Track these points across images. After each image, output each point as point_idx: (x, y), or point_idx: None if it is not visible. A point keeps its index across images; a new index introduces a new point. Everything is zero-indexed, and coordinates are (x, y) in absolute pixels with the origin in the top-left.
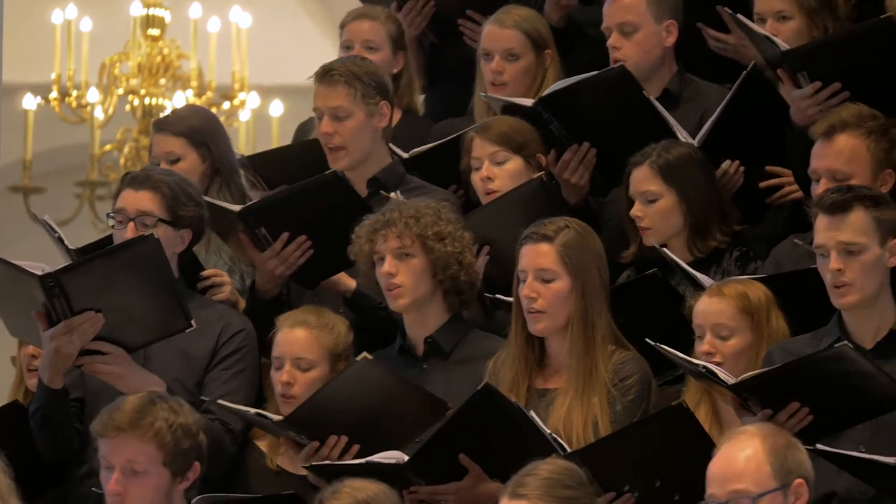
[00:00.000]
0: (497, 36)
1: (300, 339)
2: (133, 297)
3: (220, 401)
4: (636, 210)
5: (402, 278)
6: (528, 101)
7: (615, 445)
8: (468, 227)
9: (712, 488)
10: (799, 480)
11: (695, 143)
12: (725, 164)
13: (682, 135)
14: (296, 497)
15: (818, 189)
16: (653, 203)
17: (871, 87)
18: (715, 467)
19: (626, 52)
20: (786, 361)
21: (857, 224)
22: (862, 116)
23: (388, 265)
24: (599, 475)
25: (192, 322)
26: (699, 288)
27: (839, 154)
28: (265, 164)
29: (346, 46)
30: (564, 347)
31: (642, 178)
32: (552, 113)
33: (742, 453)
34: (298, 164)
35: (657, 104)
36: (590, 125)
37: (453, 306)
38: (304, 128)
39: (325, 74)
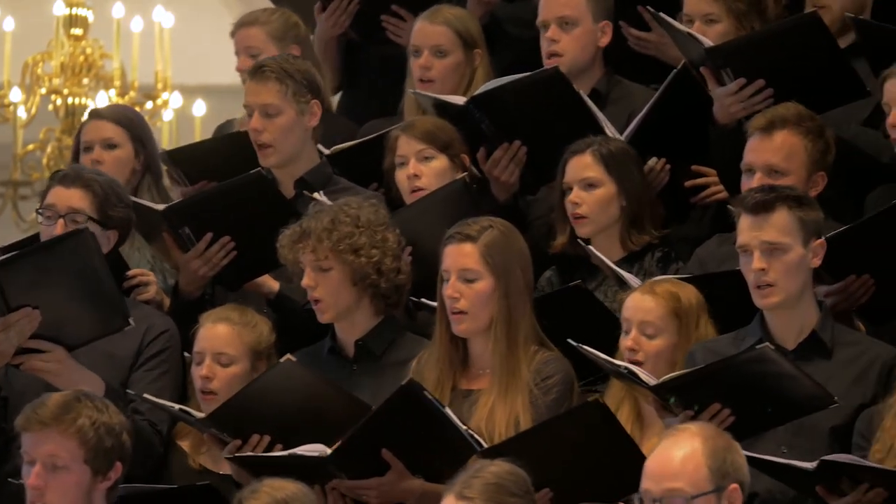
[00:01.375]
0: (427, 32)
1: (222, 334)
2: (70, 294)
3: (145, 394)
4: (574, 196)
5: (321, 292)
6: (459, 100)
7: (532, 441)
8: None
9: (647, 483)
10: (734, 485)
11: (622, 139)
12: (652, 161)
13: (614, 135)
14: (210, 488)
15: (752, 183)
16: (593, 190)
17: (795, 83)
18: (652, 463)
19: (563, 45)
20: (708, 360)
21: (780, 224)
22: (801, 116)
23: (307, 278)
24: None
25: (131, 321)
26: (624, 286)
27: (778, 150)
28: (186, 159)
29: (235, 55)
30: (488, 348)
31: (584, 165)
32: (483, 112)
33: (681, 452)
34: (220, 159)
35: (590, 103)
36: (521, 124)
37: (381, 310)
38: (222, 129)
39: (257, 71)
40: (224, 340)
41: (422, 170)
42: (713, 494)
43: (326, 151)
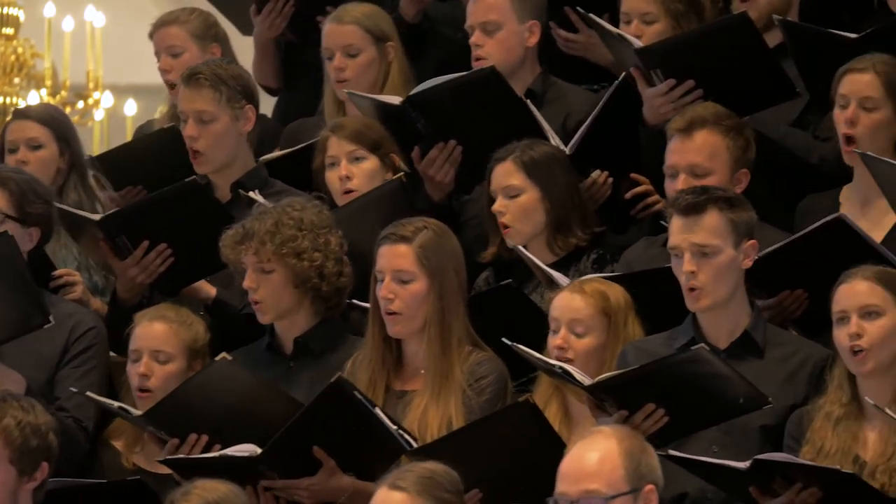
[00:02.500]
0: (335, 33)
1: (158, 332)
2: None
3: (88, 393)
4: (498, 205)
5: (262, 294)
6: (395, 100)
7: (462, 441)
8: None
9: (563, 486)
10: (650, 486)
11: (567, 150)
12: (595, 173)
13: (551, 134)
14: (140, 483)
15: (677, 185)
16: (515, 198)
17: (724, 84)
18: (567, 465)
19: (487, 50)
20: (640, 360)
21: (711, 226)
22: (719, 114)
23: (248, 280)
24: None
25: (51, 318)
26: (554, 287)
27: (700, 150)
28: (114, 163)
29: (156, 55)
30: (421, 349)
31: (505, 173)
32: (419, 111)
33: (596, 453)
34: (147, 161)
35: (529, 104)
36: (457, 123)
37: (321, 311)
38: (143, 130)
39: (191, 77)
40: (161, 338)
41: (353, 171)
42: (630, 495)
43: (261, 162)
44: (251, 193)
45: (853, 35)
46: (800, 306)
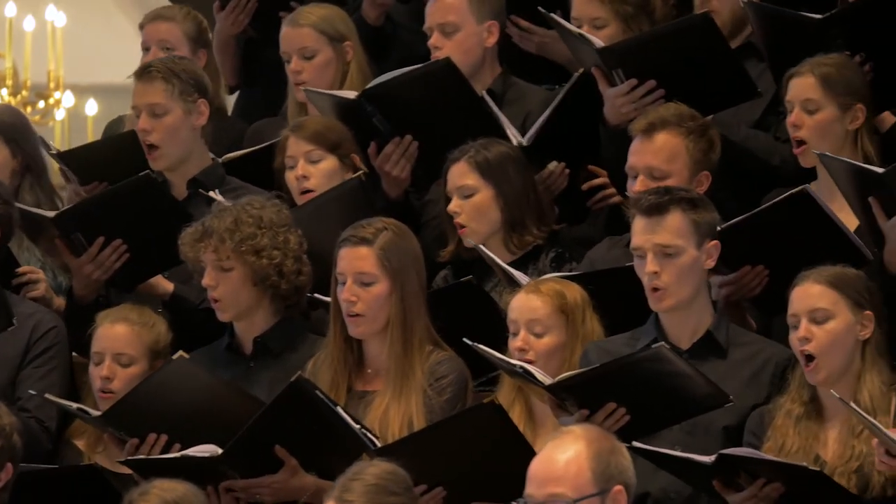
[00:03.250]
0: (291, 37)
1: (121, 334)
2: None
3: (46, 395)
4: (453, 205)
5: (221, 292)
6: (351, 94)
7: (427, 440)
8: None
9: (530, 488)
10: (618, 487)
11: (524, 142)
12: (552, 165)
13: (511, 131)
14: (93, 468)
15: (635, 186)
16: (469, 198)
17: (686, 84)
18: (535, 467)
19: (446, 51)
20: (602, 360)
21: (674, 226)
22: (682, 116)
23: (207, 277)
24: (411, 469)
25: (14, 321)
26: (516, 286)
27: (658, 152)
28: (78, 160)
29: (144, 48)
30: (383, 349)
31: (459, 173)
32: (375, 106)
33: (564, 455)
34: (112, 159)
35: (486, 97)
36: (413, 118)
37: (281, 310)
38: (112, 127)
39: (144, 72)
40: (123, 340)
41: (311, 171)
42: (597, 497)
43: (218, 160)
44: (210, 193)
45: (818, 16)
46: (760, 283)
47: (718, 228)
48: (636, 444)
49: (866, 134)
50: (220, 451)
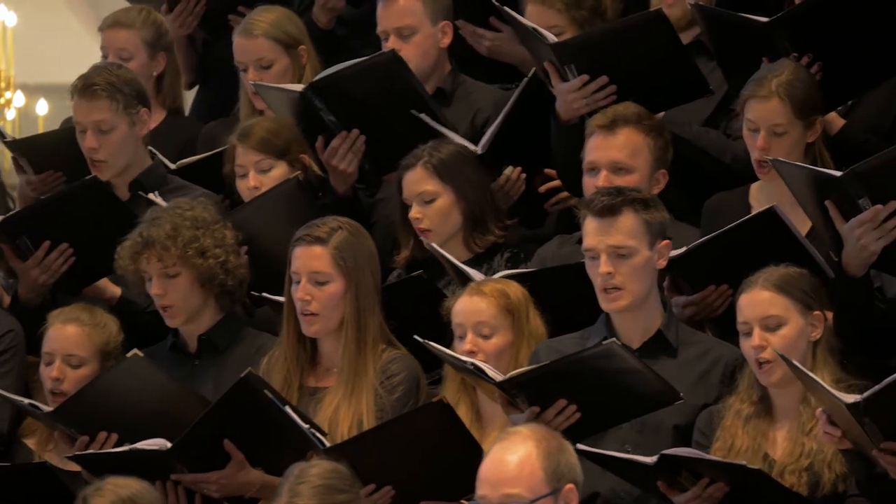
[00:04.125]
0: (246, 48)
1: (72, 335)
2: None
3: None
4: (415, 212)
5: (171, 298)
6: (297, 87)
7: (375, 440)
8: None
9: (484, 490)
10: (569, 485)
11: (478, 150)
12: (508, 170)
13: (457, 139)
14: (44, 466)
15: (598, 181)
16: (431, 203)
17: (638, 81)
18: (487, 469)
19: (404, 55)
20: (553, 359)
21: (626, 227)
22: (640, 115)
23: (155, 287)
24: (360, 469)
25: None
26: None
27: (622, 147)
28: (31, 150)
29: (103, 55)
30: (337, 348)
31: (417, 180)
32: (322, 99)
33: (515, 456)
34: (65, 150)
35: (426, 95)
36: (360, 112)
37: (225, 306)
38: (70, 123)
39: (86, 89)
40: (74, 341)
41: (262, 181)
42: (550, 497)
43: (172, 165)
44: (150, 195)
45: (764, 19)
46: (724, 302)
47: (682, 250)
48: (580, 446)
49: (823, 144)
50: (168, 444)
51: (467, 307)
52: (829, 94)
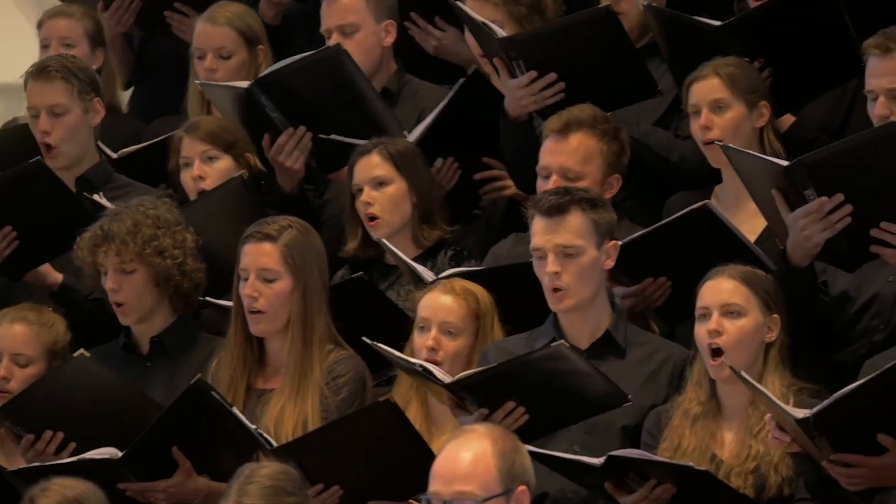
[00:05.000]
0: (209, 34)
1: (19, 334)
2: None
3: None
4: (366, 196)
5: (125, 295)
6: (244, 84)
7: (322, 439)
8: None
9: (436, 486)
10: (522, 487)
11: (411, 141)
12: (438, 162)
13: (394, 127)
14: None
15: (549, 186)
16: (383, 188)
17: (587, 79)
18: (440, 465)
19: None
20: (501, 360)
21: (574, 227)
22: (596, 118)
23: (110, 281)
24: (307, 468)
25: None
26: (420, 282)
27: (574, 153)
28: None
29: (43, 45)
30: (284, 347)
31: (372, 164)
32: (268, 96)
33: (470, 454)
34: (7, 150)
35: (369, 91)
36: (306, 109)
37: (179, 309)
38: (13, 123)
39: (41, 71)
40: (22, 340)
41: (206, 171)
42: (503, 497)
43: (114, 154)
44: (95, 196)
45: (716, 23)
46: (662, 294)
47: (621, 242)
48: (529, 447)
49: (772, 132)
50: (118, 453)
51: (437, 303)
52: (780, 99)
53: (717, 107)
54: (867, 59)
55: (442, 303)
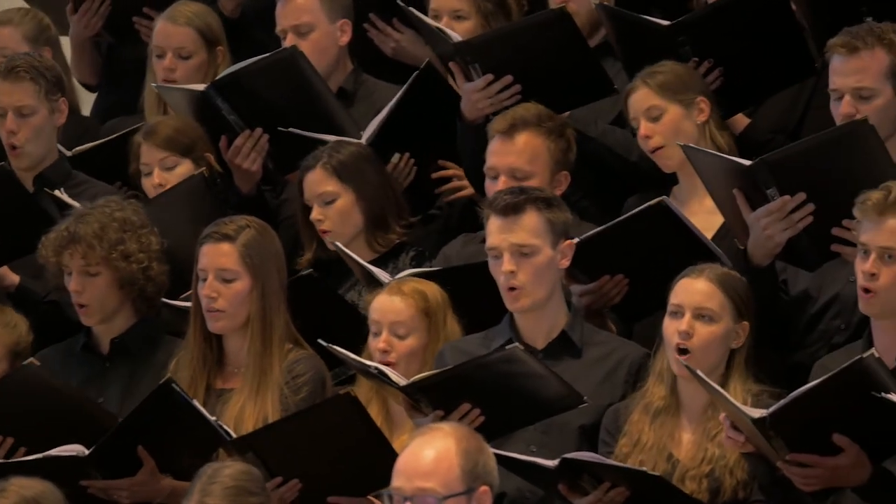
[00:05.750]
0: (170, 33)
1: None
2: None
3: None
4: (316, 214)
5: (88, 297)
6: (200, 87)
7: (282, 432)
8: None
9: (398, 481)
10: (484, 488)
11: (363, 140)
12: (395, 158)
13: (350, 127)
14: None
15: (497, 186)
16: (331, 204)
17: (543, 81)
18: (404, 461)
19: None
20: (457, 360)
21: (529, 226)
22: (541, 116)
23: (74, 283)
24: (267, 461)
25: None
26: (378, 285)
27: (521, 152)
28: None
29: None
30: (243, 346)
31: (317, 181)
32: (224, 98)
33: (433, 451)
34: None
35: (325, 92)
36: (262, 110)
37: (141, 310)
38: None
39: (10, 71)
40: None
41: (167, 178)
42: (464, 496)
43: (68, 152)
44: (56, 192)
45: (666, 22)
46: (619, 292)
47: (577, 239)
48: None
49: (715, 127)
50: (85, 450)
51: (385, 305)
52: (731, 99)
53: (651, 116)
54: (831, 58)
55: (390, 304)
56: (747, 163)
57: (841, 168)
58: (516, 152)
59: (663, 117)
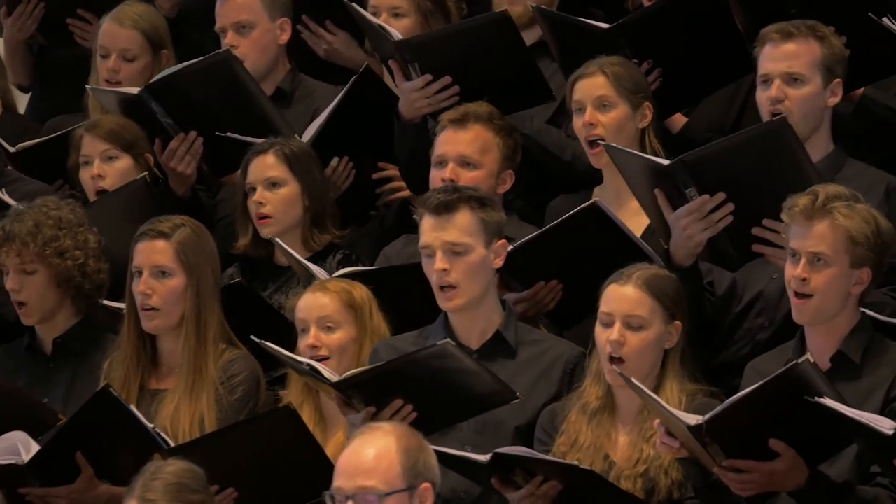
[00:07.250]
0: (115, 35)
1: None
2: None
3: None
4: (259, 196)
5: (26, 295)
6: (134, 90)
7: (220, 442)
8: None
9: (339, 481)
10: (426, 484)
11: (304, 142)
12: (334, 161)
13: (285, 130)
14: None
15: (445, 173)
16: (276, 189)
17: (481, 83)
18: (344, 461)
19: (243, 51)
20: (391, 358)
21: (462, 225)
22: (492, 114)
23: (11, 281)
24: (203, 469)
25: None
26: (311, 282)
27: (472, 142)
28: None
29: None
30: (177, 346)
31: (268, 164)
32: (158, 101)
33: (374, 450)
34: None
35: (258, 93)
36: (197, 113)
37: (82, 310)
38: None
39: None
40: None
41: (106, 170)
42: (406, 493)
43: (11, 149)
44: None
45: (605, 25)
46: (554, 298)
47: (511, 247)
48: None
49: (653, 132)
50: (24, 458)
51: (311, 303)
52: (669, 99)
53: (601, 104)
54: (764, 47)
55: (315, 301)
56: (666, 162)
57: (760, 168)
58: (467, 141)
59: (612, 111)
